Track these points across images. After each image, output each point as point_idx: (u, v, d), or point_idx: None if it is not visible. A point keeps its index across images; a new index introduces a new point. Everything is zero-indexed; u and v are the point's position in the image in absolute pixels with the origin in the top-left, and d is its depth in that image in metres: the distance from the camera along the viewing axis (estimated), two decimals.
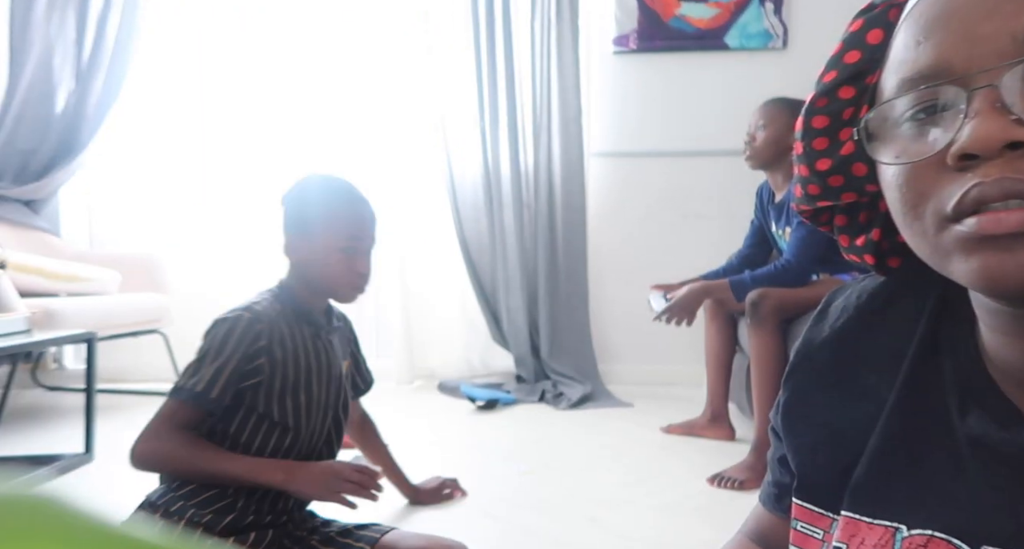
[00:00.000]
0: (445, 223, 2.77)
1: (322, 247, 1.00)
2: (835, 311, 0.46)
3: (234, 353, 0.94)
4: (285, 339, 0.99)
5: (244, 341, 0.94)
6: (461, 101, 2.71)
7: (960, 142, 0.31)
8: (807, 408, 0.46)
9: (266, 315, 0.98)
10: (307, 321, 1.03)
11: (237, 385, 0.95)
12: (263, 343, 0.96)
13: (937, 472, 0.39)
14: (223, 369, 0.93)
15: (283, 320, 1.00)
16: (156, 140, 2.79)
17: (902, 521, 0.39)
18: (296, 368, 0.99)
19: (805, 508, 0.44)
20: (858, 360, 0.44)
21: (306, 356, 1.01)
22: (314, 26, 2.78)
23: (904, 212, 0.35)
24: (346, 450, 1.24)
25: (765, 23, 2.66)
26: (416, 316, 2.82)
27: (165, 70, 2.80)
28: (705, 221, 2.74)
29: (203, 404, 0.93)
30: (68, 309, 2.13)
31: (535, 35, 2.66)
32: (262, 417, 0.97)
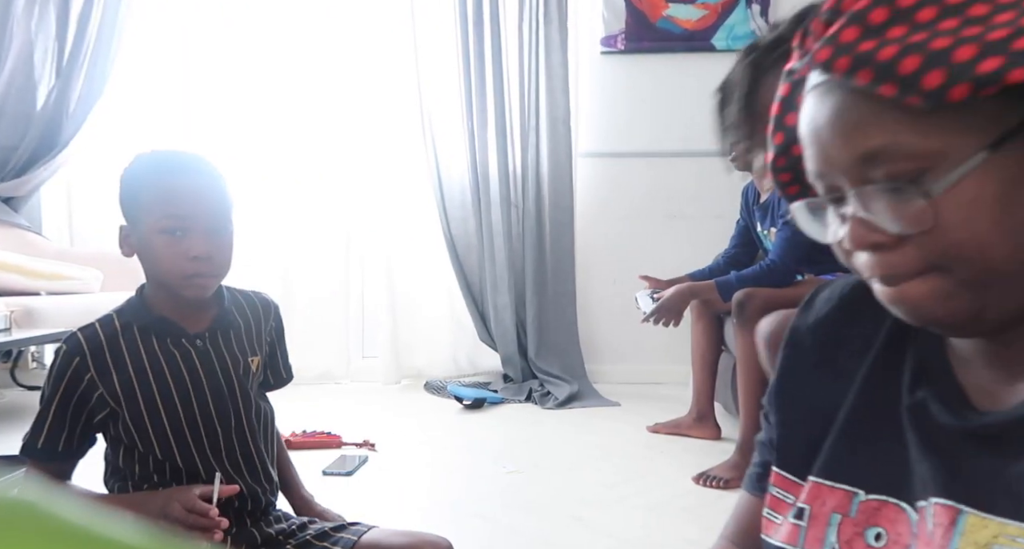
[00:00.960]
0: (432, 222, 2.77)
1: (146, 233, 0.84)
2: (820, 302, 0.52)
3: (53, 396, 0.84)
4: (126, 362, 0.86)
5: (62, 380, 0.84)
6: (449, 101, 2.70)
7: (844, 241, 0.40)
8: (791, 388, 0.51)
9: (93, 341, 0.86)
10: (164, 330, 0.89)
11: (79, 426, 0.85)
12: (89, 375, 0.85)
13: (889, 442, 0.44)
14: (47, 414, 0.84)
15: (126, 338, 0.87)
16: (140, 137, 2.75)
17: (860, 486, 0.44)
18: (147, 390, 0.86)
19: (781, 475, 0.49)
20: (838, 345, 0.49)
21: (159, 373, 0.87)
22: (300, 25, 2.76)
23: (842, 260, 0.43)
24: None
25: (752, 25, 2.69)
26: (403, 315, 2.81)
27: (149, 67, 2.77)
28: (692, 221, 2.76)
29: (37, 456, 0.85)
30: (49, 308, 2.10)
31: (523, 35, 2.66)
32: (132, 450, 0.88)
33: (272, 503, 1.00)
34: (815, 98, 0.40)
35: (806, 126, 0.41)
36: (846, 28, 0.37)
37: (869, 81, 0.36)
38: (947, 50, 0.34)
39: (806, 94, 0.41)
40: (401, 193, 2.80)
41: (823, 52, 0.38)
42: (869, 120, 0.37)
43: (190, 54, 2.77)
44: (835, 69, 0.37)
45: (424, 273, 2.83)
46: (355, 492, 1.64)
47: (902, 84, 0.35)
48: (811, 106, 0.40)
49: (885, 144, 0.36)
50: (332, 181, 2.82)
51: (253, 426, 0.94)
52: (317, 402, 2.48)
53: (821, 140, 0.39)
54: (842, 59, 0.36)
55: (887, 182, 0.37)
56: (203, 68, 2.76)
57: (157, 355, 0.88)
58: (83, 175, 2.81)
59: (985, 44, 0.33)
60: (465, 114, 2.68)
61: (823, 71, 0.38)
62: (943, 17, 0.35)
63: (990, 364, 0.41)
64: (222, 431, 0.92)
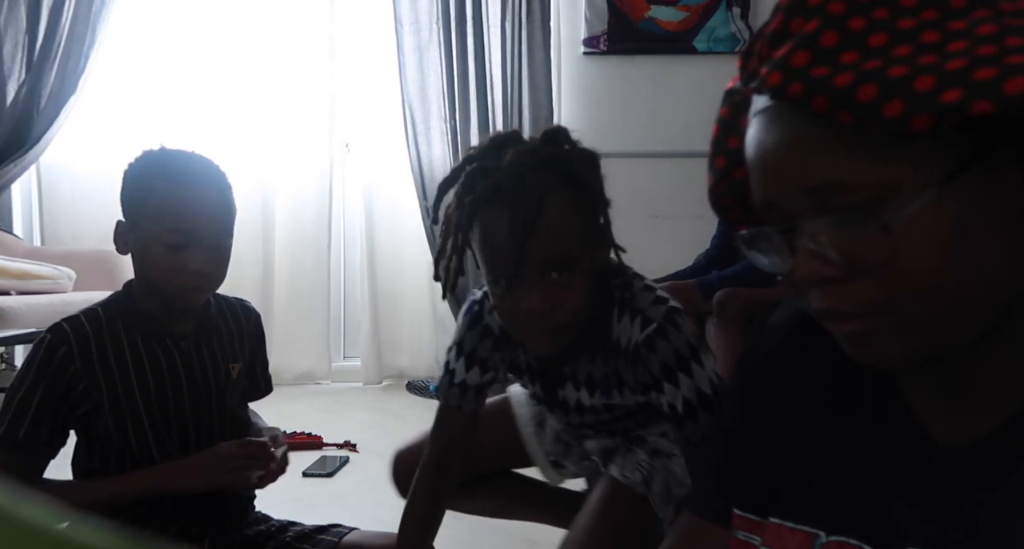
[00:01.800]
0: (415, 221, 2.75)
1: (146, 239, 0.83)
2: (771, 327, 0.50)
3: (36, 385, 0.81)
4: (109, 356, 0.84)
5: (48, 369, 0.81)
6: (432, 100, 2.69)
7: (794, 273, 0.38)
8: (748, 421, 0.49)
9: (79, 332, 0.83)
10: (149, 328, 0.87)
11: (59, 419, 0.82)
12: (73, 367, 0.82)
13: (849, 481, 0.42)
14: (28, 405, 0.80)
15: (111, 332, 0.85)
16: (113, 135, 2.69)
17: (821, 527, 0.42)
18: (128, 386, 0.85)
19: (743, 517, 0.47)
20: (791, 374, 0.47)
21: (142, 370, 0.86)
22: (281, 21, 2.73)
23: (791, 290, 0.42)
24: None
25: (732, 27, 2.71)
26: (385, 315, 2.79)
27: (122, 63, 2.71)
28: (673, 222, 2.78)
29: (15, 449, 0.80)
30: (19, 307, 2.05)
31: (506, 34, 2.66)
32: (108, 447, 0.85)
33: (251, 505, 0.99)
34: (763, 123, 0.38)
35: (754, 151, 0.39)
36: (797, 52, 0.35)
37: (826, 108, 0.34)
38: (906, 79, 0.33)
39: (752, 117, 0.39)
40: (383, 192, 2.78)
41: (774, 76, 0.35)
42: (822, 148, 0.35)
43: (165, 52, 2.72)
44: (788, 95, 0.35)
45: (406, 273, 2.81)
46: (336, 493, 1.62)
47: (861, 112, 0.33)
48: (759, 131, 0.38)
49: (839, 175, 0.35)
50: (313, 178, 2.79)
51: (226, 430, 0.93)
52: (298, 403, 2.45)
53: (770, 167, 0.37)
54: (795, 84, 0.35)
55: (841, 214, 0.35)
56: (176, 66, 2.72)
57: (141, 352, 0.87)
58: (55, 173, 2.74)
59: (944, 74, 0.32)
60: (448, 112, 2.67)
61: (774, 96, 0.36)
62: (895, 43, 0.34)
63: (942, 394, 0.40)
64: (198, 433, 0.91)
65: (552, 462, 0.99)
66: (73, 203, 2.75)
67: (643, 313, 0.79)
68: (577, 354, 0.82)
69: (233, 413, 0.95)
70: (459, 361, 0.87)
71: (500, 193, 0.70)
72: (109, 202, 3.28)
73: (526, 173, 0.70)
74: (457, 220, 0.74)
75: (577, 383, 0.85)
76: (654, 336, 0.77)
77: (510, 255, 0.70)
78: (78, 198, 2.74)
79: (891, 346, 0.37)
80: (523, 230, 0.68)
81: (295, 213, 2.80)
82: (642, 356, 0.77)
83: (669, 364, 0.76)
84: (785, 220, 0.38)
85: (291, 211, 2.80)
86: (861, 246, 0.35)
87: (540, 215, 0.69)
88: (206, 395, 0.91)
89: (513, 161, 0.71)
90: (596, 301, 0.78)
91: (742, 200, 0.45)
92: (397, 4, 2.64)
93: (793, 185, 0.37)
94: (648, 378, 0.78)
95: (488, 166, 0.73)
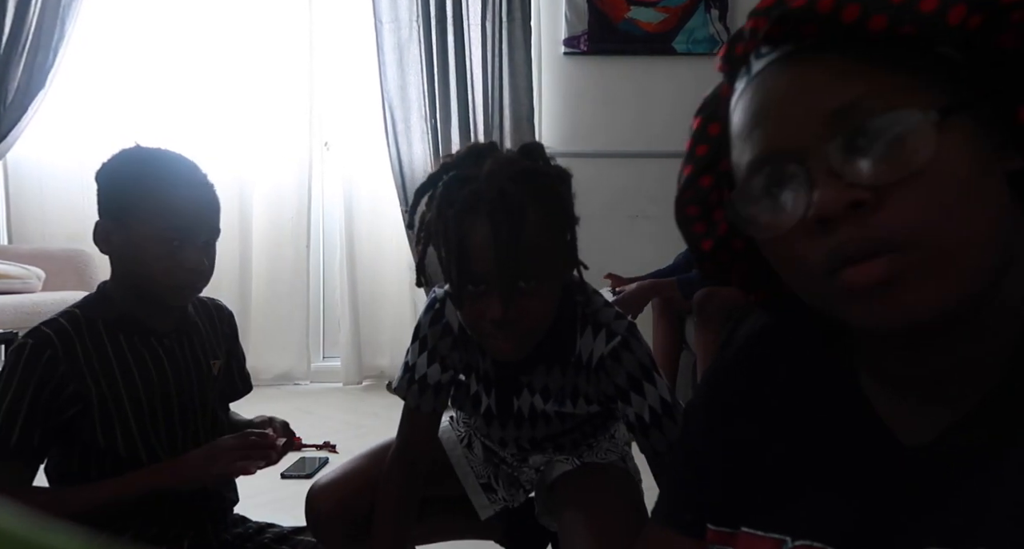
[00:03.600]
0: (395, 220, 2.74)
1: (139, 239, 0.82)
2: (741, 339, 0.50)
3: (23, 391, 0.79)
4: (93, 358, 0.83)
5: (34, 374, 0.79)
6: (412, 98, 2.67)
7: (813, 210, 0.35)
8: (717, 432, 0.48)
9: (62, 333, 0.82)
10: (131, 328, 0.86)
11: (48, 424, 0.81)
12: (61, 369, 0.80)
13: (815, 486, 0.42)
14: (16, 413, 0.79)
15: (91, 332, 0.84)
16: (84, 131, 2.63)
17: (787, 533, 0.42)
18: (114, 386, 0.83)
19: (717, 531, 0.46)
20: (760, 384, 0.47)
21: (127, 369, 0.85)
22: (259, 16, 2.69)
23: (784, 270, 0.39)
24: None
25: (711, 29, 2.74)
26: (365, 315, 2.77)
27: (93, 58, 2.65)
28: (653, 221, 2.80)
29: (8, 458, 0.79)
30: None
31: (486, 34, 2.66)
32: (90, 450, 0.83)
33: (231, 507, 0.98)
34: (767, 77, 0.38)
35: (755, 106, 0.38)
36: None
37: (858, 15, 0.34)
38: None
39: (747, 86, 0.39)
40: (363, 191, 2.76)
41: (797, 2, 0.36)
42: (840, 74, 0.36)
43: (140, 46, 2.66)
44: (818, 10, 0.35)
45: (386, 272, 2.79)
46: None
47: (895, 11, 0.34)
48: (762, 85, 0.38)
49: (861, 94, 0.35)
50: (291, 177, 2.76)
51: (209, 428, 0.93)
52: (277, 404, 2.42)
53: (780, 109, 0.37)
54: (823, 1, 0.35)
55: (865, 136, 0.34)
56: (156, 60, 2.67)
57: (124, 351, 0.86)
58: (23, 170, 2.67)
59: None
60: (428, 111, 2.66)
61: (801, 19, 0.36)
62: None
63: (906, 389, 0.40)
64: (184, 430, 0.90)
65: (483, 485, 0.98)
66: (41, 201, 2.68)
67: (607, 327, 0.80)
68: (535, 364, 0.84)
69: (215, 412, 0.94)
70: (420, 356, 0.87)
71: (479, 202, 0.70)
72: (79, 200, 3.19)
73: (505, 183, 0.70)
74: (435, 227, 0.74)
75: (532, 390, 0.86)
76: (619, 349, 0.79)
77: (484, 263, 0.70)
78: (47, 196, 2.68)
79: (920, 291, 0.34)
80: (506, 240, 0.69)
81: (273, 212, 2.77)
82: (607, 368, 0.79)
83: (635, 375, 0.78)
84: (788, 167, 0.36)
85: (269, 210, 2.77)
86: (888, 164, 0.34)
87: (523, 227, 0.69)
88: (190, 392, 0.90)
89: (493, 171, 0.71)
90: (559, 313, 0.79)
91: (706, 212, 0.46)
92: (376, 1, 2.63)
93: (811, 114, 0.36)
94: (612, 390, 0.80)
95: (466, 174, 0.73)
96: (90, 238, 0.87)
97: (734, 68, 0.41)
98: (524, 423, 0.88)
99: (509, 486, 1.00)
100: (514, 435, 0.92)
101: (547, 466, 0.96)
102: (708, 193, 0.45)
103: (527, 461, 0.98)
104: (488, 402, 0.89)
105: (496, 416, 0.89)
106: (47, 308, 2.22)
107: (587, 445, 0.95)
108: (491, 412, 0.89)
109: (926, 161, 0.34)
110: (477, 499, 0.97)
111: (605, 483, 0.90)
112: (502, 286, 0.71)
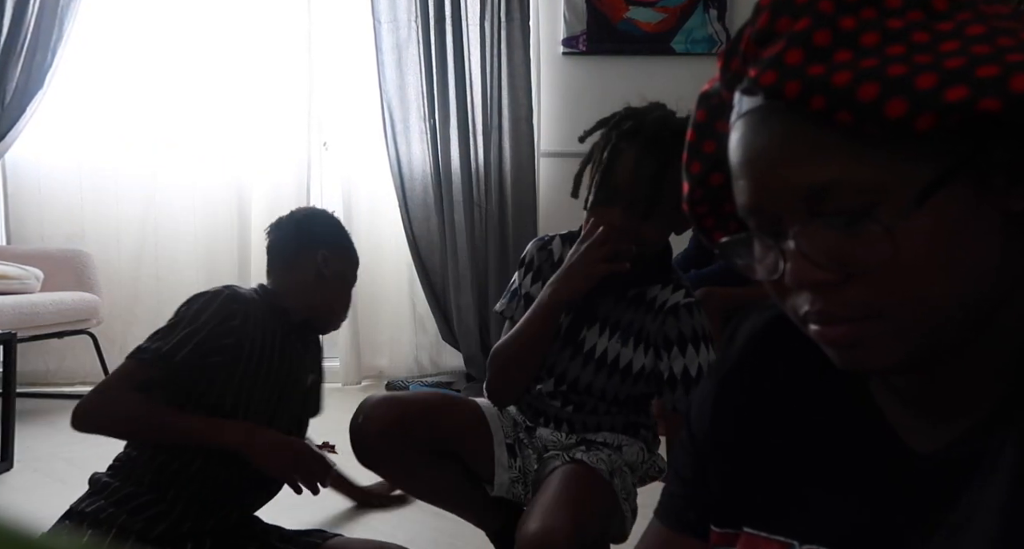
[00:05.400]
0: (394, 221, 2.73)
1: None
2: (743, 337, 0.49)
3: (207, 323, 0.93)
4: (256, 327, 0.98)
5: (219, 314, 0.95)
6: (411, 99, 2.67)
7: (785, 277, 0.37)
8: (721, 434, 0.48)
9: (244, 298, 0.99)
10: (282, 320, 1.02)
11: (202, 356, 0.93)
12: (235, 323, 0.95)
13: (823, 489, 0.42)
14: (192, 336, 0.93)
15: (259, 310, 1.00)
16: (82, 131, 2.63)
17: (795, 536, 0.42)
18: (259, 359, 0.97)
19: (720, 533, 0.46)
20: (765, 385, 0.46)
21: (271, 351, 0.99)
22: (258, 16, 2.69)
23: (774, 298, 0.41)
24: None
25: (709, 29, 2.74)
26: (364, 315, 2.77)
27: (92, 58, 2.65)
28: None
29: (165, 365, 0.92)
30: None
31: (485, 34, 2.66)
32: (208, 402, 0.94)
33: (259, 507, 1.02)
34: (752, 125, 0.36)
35: (741, 155, 0.37)
36: (790, 50, 0.34)
37: (825, 108, 0.33)
38: (907, 77, 0.32)
39: (736, 120, 0.38)
40: (362, 191, 2.76)
41: (768, 76, 0.34)
42: (818, 149, 0.34)
43: (140, 46, 2.66)
44: (785, 94, 0.34)
45: (385, 272, 2.79)
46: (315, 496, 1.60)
47: (862, 111, 0.33)
48: (747, 133, 0.37)
49: (836, 177, 0.34)
50: (290, 177, 2.75)
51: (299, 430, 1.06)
52: None
53: (761, 170, 0.36)
54: (792, 84, 0.34)
55: (836, 216, 0.35)
56: (155, 60, 2.66)
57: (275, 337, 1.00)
58: (21, 170, 2.66)
59: (945, 72, 0.32)
60: (427, 112, 2.66)
61: (768, 96, 0.35)
62: (888, 42, 0.33)
63: (915, 403, 0.40)
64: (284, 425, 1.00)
65: (508, 446, 1.05)
66: (40, 201, 2.67)
67: (686, 290, 0.99)
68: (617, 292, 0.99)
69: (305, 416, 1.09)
70: (526, 277, 1.06)
71: (638, 135, 0.93)
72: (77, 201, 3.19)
73: (664, 131, 0.91)
74: (597, 146, 0.97)
75: (603, 325, 0.99)
76: (693, 305, 0.96)
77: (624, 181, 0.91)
78: (45, 196, 2.67)
79: (881, 351, 0.36)
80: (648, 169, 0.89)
81: (272, 212, 2.73)
82: (679, 315, 0.95)
83: (698, 332, 0.94)
84: (771, 225, 0.37)
85: (268, 210, 2.76)
86: (858, 249, 0.35)
87: (665, 166, 0.87)
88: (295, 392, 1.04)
89: (658, 118, 0.95)
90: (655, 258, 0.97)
91: (717, 207, 0.45)
92: (375, 1, 2.62)
93: (786, 188, 0.36)
94: (675, 335, 0.95)
95: (638, 114, 0.97)
96: (88, 238, 0.89)
97: (730, 84, 0.39)
98: (579, 357, 1.00)
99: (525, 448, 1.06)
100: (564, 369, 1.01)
101: (540, 465, 1.02)
102: (718, 190, 0.43)
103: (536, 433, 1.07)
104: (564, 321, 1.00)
105: (562, 339, 1.00)
106: (45, 308, 2.21)
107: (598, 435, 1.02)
108: (559, 334, 1.01)
109: (888, 257, 0.34)
110: (499, 453, 1.03)
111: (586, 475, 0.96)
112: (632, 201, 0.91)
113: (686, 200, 0.46)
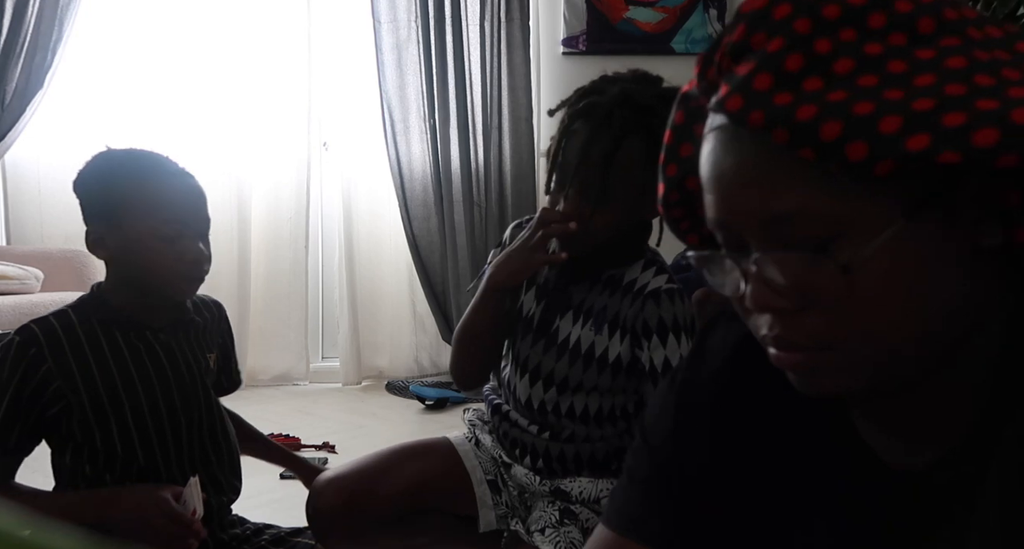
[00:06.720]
0: (394, 221, 2.74)
1: (136, 237, 0.84)
2: (711, 353, 0.47)
3: (6, 387, 0.80)
4: (87, 354, 0.84)
5: (17, 370, 0.80)
6: (411, 99, 2.67)
7: (745, 299, 0.37)
8: (688, 454, 0.46)
9: (49, 332, 0.83)
10: (126, 325, 0.87)
11: (31, 420, 0.82)
12: (46, 366, 0.81)
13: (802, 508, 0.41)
14: (6, 413, 0.80)
15: (86, 330, 0.85)
16: (82, 132, 2.63)
17: None
18: (109, 383, 0.84)
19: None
20: (735, 404, 0.45)
21: (123, 365, 0.86)
22: (257, 16, 2.69)
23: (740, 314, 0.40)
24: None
25: (709, 29, 2.74)
26: (364, 315, 2.77)
27: (92, 58, 2.65)
28: None
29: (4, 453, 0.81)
30: None
31: (485, 34, 2.66)
32: (83, 447, 0.84)
33: (229, 507, 0.98)
34: (720, 142, 0.36)
35: (709, 171, 0.37)
36: (758, 74, 0.33)
37: (787, 142, 0.33)
38: (872, 118, 0.31)
39: (708, 133, 0.37)
40: (362, 191, 2.76)
41: (734, 100, 0.34)
42: (781, 178, 0.34)
43: (139, 46, 2.66)
44: (749, 123, 0.33)
45: (385, 272, 2.79)
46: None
47: (824, 150, 0.32)
48: (715, 150, 0.36)
49: (798, 207, 0.33)
50: (290, 177, 2.76)
51: (215, 422, 0.93)
52: (275, 404, 2.42)
53: (726, 190, 0.36)
54: (756, 113, 0.33)
55: (796, 246, 0.34)
56: (155, 60, 2.66)
57: (120, 347, 0.87)
58: (21, 171, 2.66)
59: (912, 115, 0.31)
60: (427, 112, 2.66)
61: (732, 121, 0.35)
62: (861, 71, 0.32)
63: (887, 426, 0.40)
64: (187, 425, 0.90)
65: (489, 482, 0.99)
66: (40, 202, 2.67)
67: (669, 275, 0.90)
68: (592, 277, 0.92)
69: (217, 403, 0.95)
70: (500, 255, 0.97)
71: (591, 114, 0.85)
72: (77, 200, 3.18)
73: (618, 110, 0.84)
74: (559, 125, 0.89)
75: (576, 312, 0.92)
76: (676, 293, 0.87)
77: (572, 164, 0.84)
78: (45, 197, 2.67)
79: (836, 380, 0.36)
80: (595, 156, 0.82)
81: (272, 212, 2.76)
82: (660, 301, 0.86)
83: (679, 322, 0.86)
84: (737, 243, 0.37)
85: (268, 210, 2.77)
86: (816, 281, 0.34)
87: (614, 151, 0.81)
88: (191, 385, 0.91)
89: (615, 95, 0.87)
90: (626, 239, 0.90)
91: (693, 210, 0.44)
92: (375, 1, 2.62)
93: (748, 212, 0.35)
94: (654, 322, 0.86)
95: (600, 89, 0.90)
96: None
97: (707, 92, 0.38)
98: (552, 348, 0.92)
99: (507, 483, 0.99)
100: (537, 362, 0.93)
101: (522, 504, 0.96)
102: (694, 194, 0.43)
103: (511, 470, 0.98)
104: (535, 311, 0.95)
105: (535, 331, 0.94)
106: (45, 309, 2.20)
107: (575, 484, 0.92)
108: (531, 326, 0.95)
109: (843, 293, 0.34)
110: (480, 492, 0.97)
111: None
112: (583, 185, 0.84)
113: (661, 202, 0.45)
